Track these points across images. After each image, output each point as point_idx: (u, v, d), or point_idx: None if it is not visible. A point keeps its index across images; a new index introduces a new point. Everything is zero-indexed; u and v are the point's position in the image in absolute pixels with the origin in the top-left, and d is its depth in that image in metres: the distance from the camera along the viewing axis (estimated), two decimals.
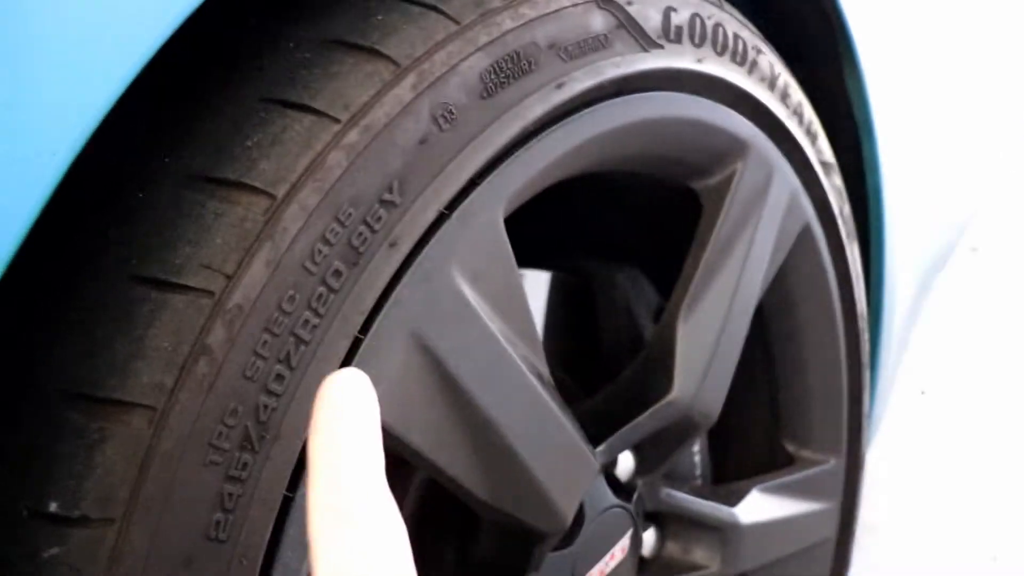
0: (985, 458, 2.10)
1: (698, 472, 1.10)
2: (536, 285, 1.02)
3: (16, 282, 0.50)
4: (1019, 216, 3.03)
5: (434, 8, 0.63)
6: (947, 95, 1.37)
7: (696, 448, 1.10)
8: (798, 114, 0.96)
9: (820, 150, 1.00)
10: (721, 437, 1.11)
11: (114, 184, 0.57)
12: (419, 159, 0.60)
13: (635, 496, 0.92)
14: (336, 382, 0.47)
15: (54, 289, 0.55)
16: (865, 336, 1.12)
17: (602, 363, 1.02)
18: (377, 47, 0.60)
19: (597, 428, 0.83)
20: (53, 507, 0.51)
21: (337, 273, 0.57)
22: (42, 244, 0.51)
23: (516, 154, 0.66)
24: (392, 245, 0.59)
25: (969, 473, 2.06)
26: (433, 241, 0.61)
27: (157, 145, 0.58)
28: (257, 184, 0.55)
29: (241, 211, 0.54)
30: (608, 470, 0.91)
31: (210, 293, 0.53)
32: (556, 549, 0.83)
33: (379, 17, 0.62)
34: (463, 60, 0.62)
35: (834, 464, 1.12)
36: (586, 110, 0.71)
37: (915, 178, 1.23)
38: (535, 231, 0.91)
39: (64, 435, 0.52)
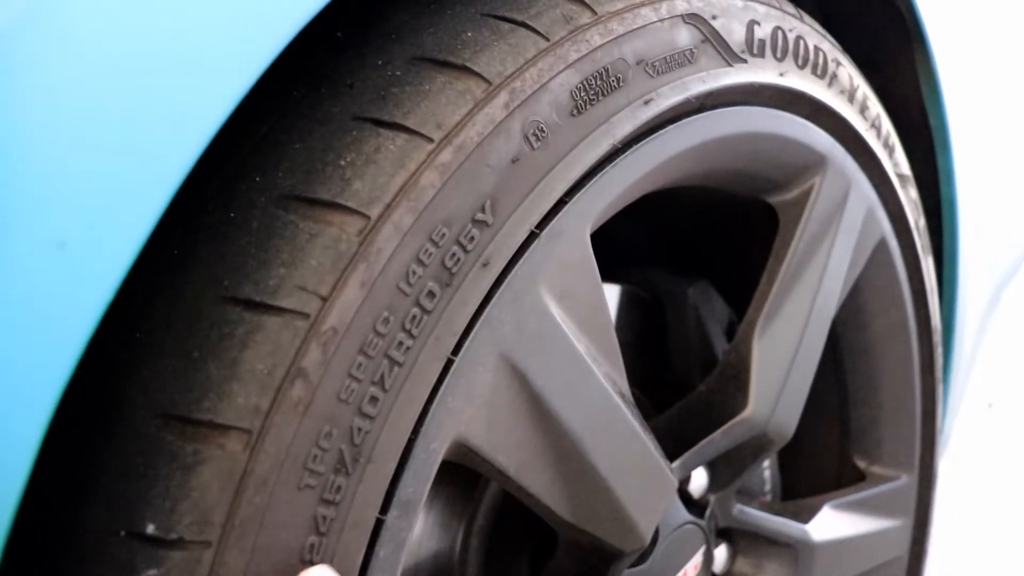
0: None
1: (768, 488, 1.09)
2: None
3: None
4: None
5: (524, 25, 0.62)
6: (1019, 105, 1.34)
7: (766, 463, 1.08)
8: (876, 127, 0.94)
9: (897, 163, 0.99)
10: (791, 452, 1.10)
11: (203, 202, 0.57)
12: (511, 178, 0.59)
13: (708, 512, 0.91)
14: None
15: (146, 308, 0.55)
16: (939, 351, 1.10)
17: (672, 378, 1.01)
18: (468, 64, 0.60)
19: (671, 443, 0.83)
20: (150, 529, 0.51)
21: (431, 294, 0.56)
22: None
23: (604, 171, 0.66)
24: (484, 265, 0.58)
25: None
26: (523, 260, 0.61)
27: (247, 163, 0.58)
28: (351, 204, 0.55)
29: (335, 232, 0.54)
30: (682, 486, 0.90)
31: (305, 315, 0.53)
32: (631, 566, 0.82)
33: (468, 34, 0.61)
34: (553, 77, 0.62)
35: (906, 480, 1.10)
36: (671, 126, 0.71)
37: (988, 190, 1.21)
38: (606, 244, 0.91)
39: (160, 457, 0.51)
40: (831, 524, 1.03)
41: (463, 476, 0.85)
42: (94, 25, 0.43)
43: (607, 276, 1.01)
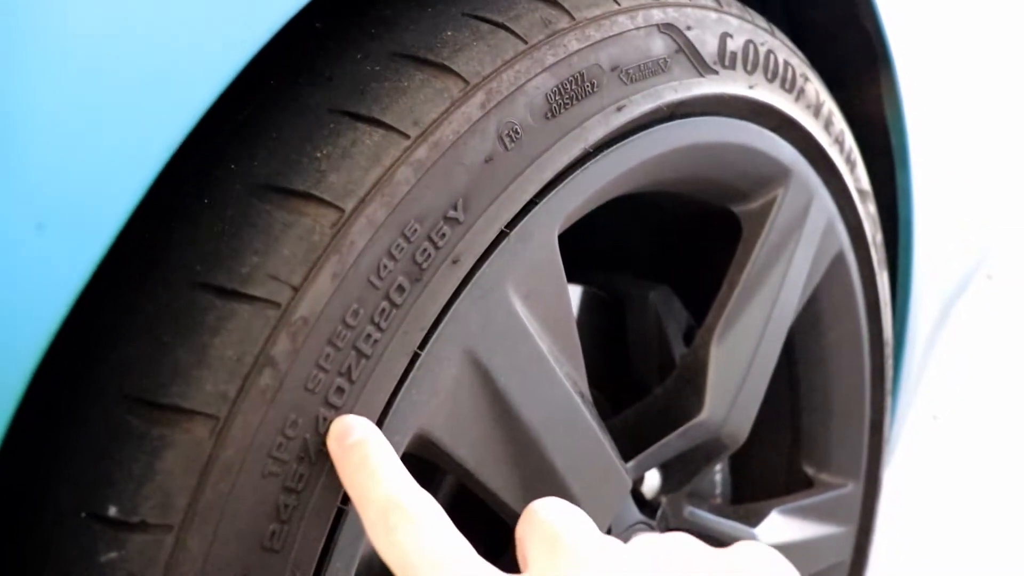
0: (995, 484, 2.11)
1: (718, 491, 1.10)
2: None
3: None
4: None
5: (503, 26, 0.63)
6: (977, 126, 1.37)
7: (717, 467, 1.10)
8: (839, 142, 0.96)
9: (858, 178, 1.01)
10: (742, 457, 1.11)
11: (177, 188, 0.57)
12: (484, 177, 0.60)
13: (659, 513, 0.93)
14: (347, 419, 0.55)
15: (117, 292, 0.55)
16: (890, 363, 1.12)
17: (630, 380, 1.03)
18: (447, 63, 0.60)
19: (626, 444, 0.84)
20: (112, 511, 0.51)
21: (400, 288, 0.57)
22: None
23: (575, 174, 0.66)
24: (454, 262, 0.59)
25: (978, 498, 2.07)
26: (492, 259, 0.62)
27: (223, 151, 0.58)
28: (326, 197, 0.55)
29: (309, 223, 0.55)
30: (635, 487, 0.91)
31: (276, 304, 0.53)
32: None
33: (449, 33, 0.62)
34: (530, 80, 0.63)
35: (852, 488, 1.13)
36: (642, 132, 0.72)
37: (944, 207, 1.23)
38: (569, 245, 0.92)
39: (125, 440, 0.52)
40: (778, 528, 1.05)
41: (419, 472, 0.85)
42: (83, 10, 0.43)
43: (570, 277, 1.02)
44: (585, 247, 1.04)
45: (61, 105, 0.42)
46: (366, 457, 0.53)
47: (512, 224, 0.63)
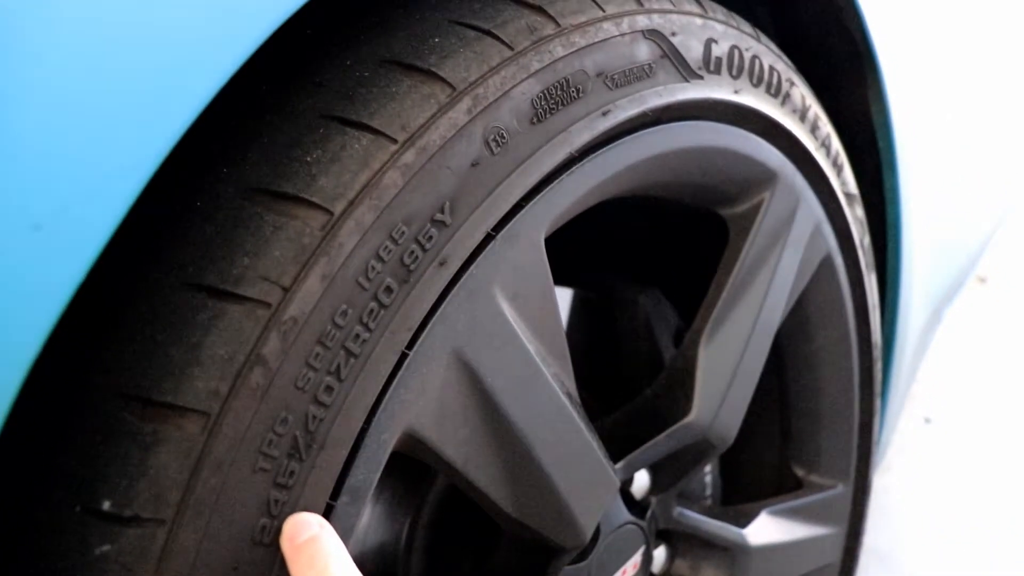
0: (987, 487, 2.12)
1: (708, 492, 1.11)
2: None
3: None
4: None
5: (490, 33, 0.64)
6: (966, 128, 1.39)
7: (707, 468, 1.11)
8: (826, 146, 0.98)
9: (845, 181, 1.02)
10: (732, 458, 1.13)
11: (171, 192, 0.59)
12: (470, 181, 0.62)
13: (648, 514, 0.94)
14: (300, 517, 0.56)
15: (112, 292, 0.56)
16: (878, 365, 1.13)
17: (620, 382, 1.04)
18: (434, 70, 0.62)
19: (615, 445, 0.85)
20: (106, 505, 0.52)
21: (388, 289, 0.58)
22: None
23: (561, 178, 0.68)
24: (441, 264, 0.61)
25: (970, 501, 2.08)
26: (479, 261, 0.63)
27: (215, 155, 0.59)
28: (316, 200, 0.56)
29: (299, 225, 0.56)
30: (624, 487, 0.92)
31: (267, 304, 0.54)
32: (572, 563, 0.84)
33: (436, 40, 0.63)
34: (516, 86, 0.64)
35: (842, 490, 1.14)
36: (628, 137, 0.73)
37: (933, 210, 1.25)
38: (559, 248, 0.93)
39: (118, 436, 0.53)
40: (768, 529, 1.06)
41: (410, 471, 0.86)
42: (81, 11, 0.44)
43: (561, 279, 1.04)
44: (575, 251, 1.06)
45: (58, 107, 0.44)
46: (315, 555, 0.54)
47: (499, 227, 0.64)
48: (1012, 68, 1.63)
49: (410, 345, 0.60)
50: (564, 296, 1.04)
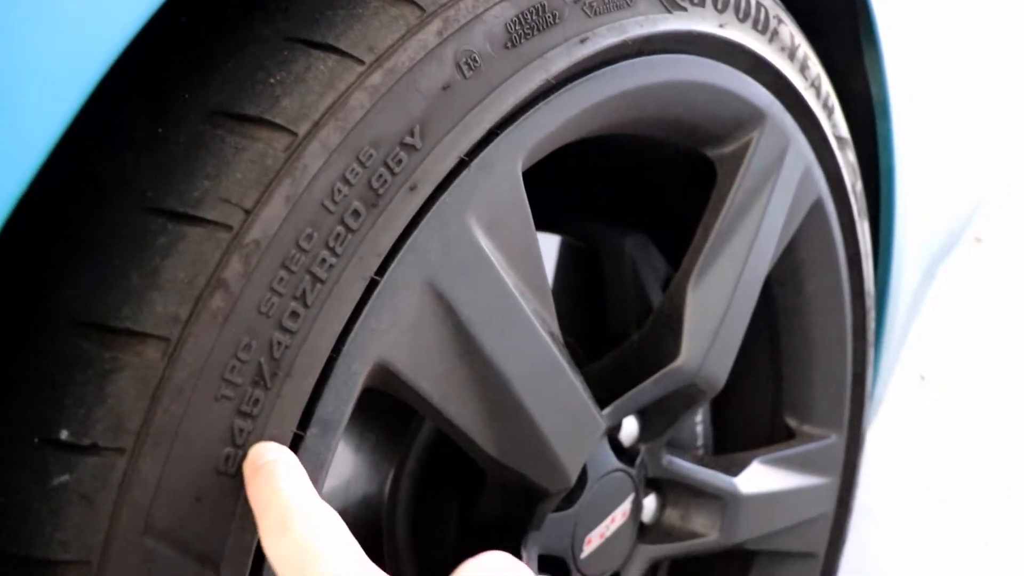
0: (980, 446, 2.12)
1: (700, 442, 1.10)
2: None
3: (28, 209, 0.50)
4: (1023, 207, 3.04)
5: None
6: (962, 79, 1.36)
7: (698, 418, 1.10)
8: (816, 87, 0.96)
9: (836, 124, 1.00)
10: (723, 408, 1.11)
11: (131, 116, 0.57)
12: (441, 105, 0.60)
13: (637, 461, 0.92)
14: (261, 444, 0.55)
15: (68, 217, 0.55)
16: (871, 315, 1.12)
17: (608, 329, 1.02)
18: None
19: (603, 392, 0.83)
20: (63, 435, 0.51)
21: (356, 213, 0.57)
22: (57, 171, 0.50)
23: (537, 107, 0.66)
24: (411, 189, 0.59)
25: (964, 460, 2.07)
26: (452, 188, 0.61)
27: (176, 80, 0.58)
28: (279, 121, 0.55)
29: (262, 147, 0.54)
30: (612, 434, 0.91)
31: (228, 227, 0.53)
32: (558, 510, 0.83)
33: None
34: (489, 8, 0.62)
35: (834, 440, 1.12)
36: (608, 68, 0.71)
37: (927, 160, 1.23)
38: (545, 194, 0.91)
39: (76, 364, 0.51)
40: (760, 478, 1.05)
41: (393, 420, 0.85)
42: None
43: (547, 225, 1.02)
44: (561, 196, 1.04)
45: None
46: (272, 474, 0.53)
47: (472, 153, 0.62)
48: (1009, 9, 1.61)
49: (380, 272, 0.58)
50: (551, 243, 1.02)
